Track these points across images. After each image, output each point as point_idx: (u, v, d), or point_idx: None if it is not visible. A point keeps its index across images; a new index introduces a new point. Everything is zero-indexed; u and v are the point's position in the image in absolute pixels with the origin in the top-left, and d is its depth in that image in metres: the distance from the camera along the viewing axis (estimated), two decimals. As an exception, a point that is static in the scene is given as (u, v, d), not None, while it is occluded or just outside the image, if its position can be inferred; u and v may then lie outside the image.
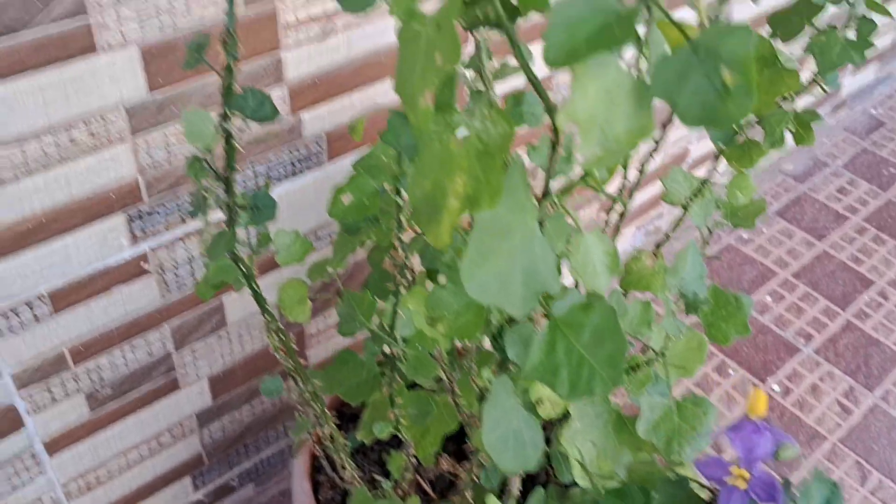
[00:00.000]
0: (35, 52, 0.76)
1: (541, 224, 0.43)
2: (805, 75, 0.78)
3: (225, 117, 0.57)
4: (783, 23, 0.80)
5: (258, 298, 0.73)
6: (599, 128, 0.38)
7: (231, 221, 0.62)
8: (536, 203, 0.47)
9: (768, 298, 1.82)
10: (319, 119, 1.04)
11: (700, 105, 0.37)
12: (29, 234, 0.86)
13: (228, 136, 0.58)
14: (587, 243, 0.50)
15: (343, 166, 1.11)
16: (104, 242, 0.93)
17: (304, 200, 1.10)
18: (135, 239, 0.95)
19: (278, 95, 0.98)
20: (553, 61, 0.36)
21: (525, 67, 0.43)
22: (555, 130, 0.44)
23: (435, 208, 0.41)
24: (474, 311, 0.52)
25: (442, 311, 0.52)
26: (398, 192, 0.67)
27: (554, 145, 0.45)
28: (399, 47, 0.43)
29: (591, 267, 0.49)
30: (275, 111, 0.60)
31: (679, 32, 0.38)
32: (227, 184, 0.60)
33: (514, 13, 0.46)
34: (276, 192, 1.05)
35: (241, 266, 0.68)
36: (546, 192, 0.48)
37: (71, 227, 0.89)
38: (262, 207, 0.62)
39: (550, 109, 0.42)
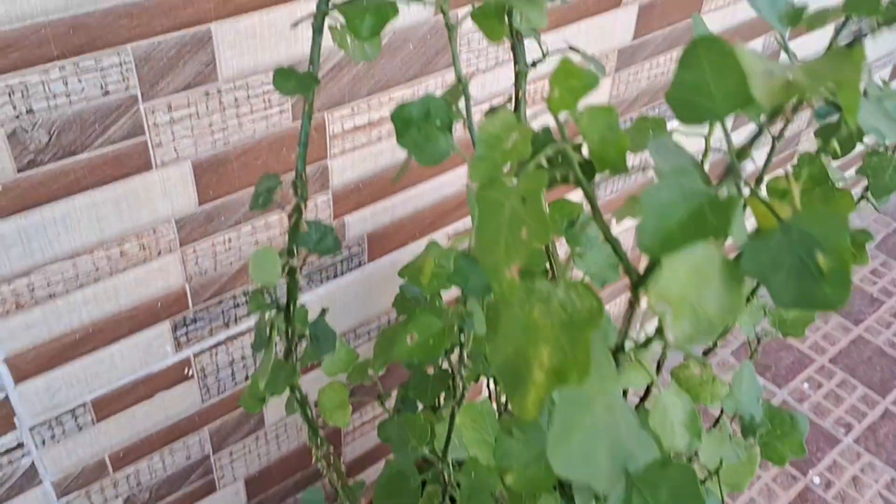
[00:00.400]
0: (92, 172, 0.77)
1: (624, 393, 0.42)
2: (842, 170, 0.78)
3: (290, 253, 0.57)
4: (833, 137, 0.79)
5: (311, 426, 0.73)
6: (690, 306, 0.38)
7: (290, 353, 0.62)
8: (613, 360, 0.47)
9: (805, 386, 1.79)
10: (362, 221, 1.04)
11: (795, 289, 0.36)
12: (76, 345, 0.86)
13: (292, 272, 0.58)
14: (665, 402, 0.49)
15: (383, 266, 1.11)
16: (149, 350, 0.92)
17: (344, 300, 1.10)
18: (178, 345, 0.95)
19: (323, 201, 0.98)
20: (648, 249, 0.35)
21: (605, 232, 0.43)
22: (634, 292, 0.44)
23: (519, 378, 0.40)
24: (546, 462, 0.51)
25: (511, 463, 0.51)
26: (461, 330, 0.66)
27: (632, 304, 0.45)
28: (479, 211, 0.43)
29: (670, 426, 0.49)
30: (336, 244, 0.61)
31: (770, 213, 0.37)
32: (289, 316, 0.60)
33: (591, 173, 0.46)
34: (318, 293, 1.05)
35: (297, 392, 0.67)
36: (621, 348, 0.47)
37: (117, 337, 0.89)
38: (321, 338, 0.62)
39: (636, 282, 0.42)
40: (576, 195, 0.78)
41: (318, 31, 0.55)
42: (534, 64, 0.69)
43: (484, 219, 0.42)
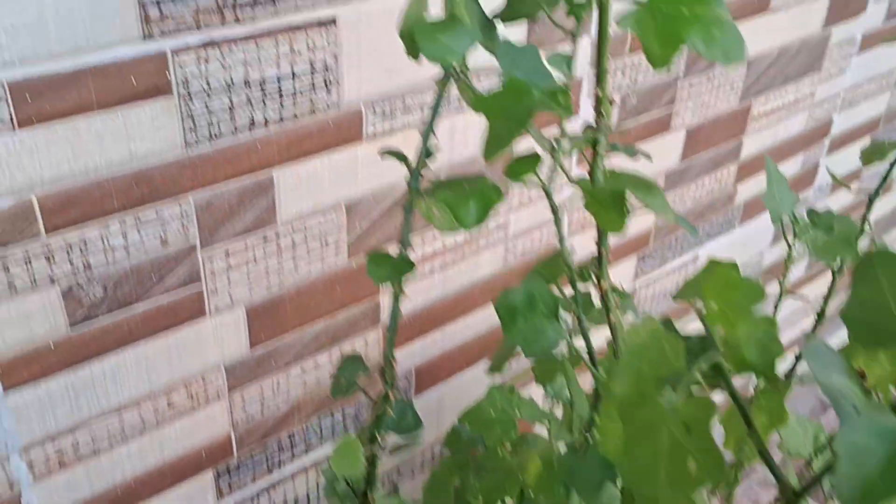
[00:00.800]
0: (145, 323, 0.73)
1: None
2: None
3: (373, 440, 0.53)
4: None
5: None
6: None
7: (369, 539, 0.57)
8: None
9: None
10: (410, 356, 1.00)
11: None
12: (117, 501, 0.80)
13: (374, 458, 0.53)
14: None
15: (429, 399, 1.06)
16: (190, 501, 0.87)
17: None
18: (220, 494, 0.89)
19: (374, 339, 0.94)
20: (849, 502, 0.31)
21: (762, 450, 0.39)
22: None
23: None
24: None
25: None
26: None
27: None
28: (626, 430, 0.39)
29: None
30: (417, 421, 0.56)
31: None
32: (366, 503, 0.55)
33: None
34: (364, 432, 1.00)
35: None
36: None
37: (159, 490, 0.83)
38: (403, 523, 0.57)
39: (792, 500, 0.38)
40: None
41: (408, 210, 0.52)
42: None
43: (635, 442, 0.38)
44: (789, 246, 0.74)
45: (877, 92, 1.48)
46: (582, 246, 1.11)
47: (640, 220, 1.19)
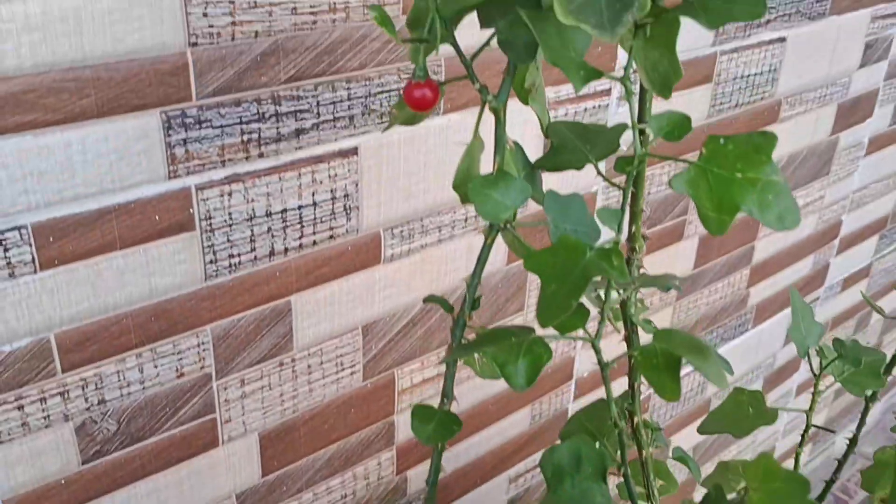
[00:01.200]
0: (157, 457, 0.71)
1: None
2: None
3: None
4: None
5: None
6: None
7: None
8: None
9: None
10: (424, 474, 0.97)
11: None
12: None
13: None
14: None
15: (442, 517, 1.03)
16: None
17: (400, 556, 1.01)
18: None
19: (387, 458, 0.92)
20: None
21: None
22: None
23: None
24: None
25: None
26: None
27: None
28: None
29: None
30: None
31: None
32: None
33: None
34: (376, 554, 0.97)
35: None
36: None
37: None
38: None
39: None
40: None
41: (451, 364, 0.51)
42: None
43: None
44: (816, 377, 0.72)
45: (884, 192, 1.49)
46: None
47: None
